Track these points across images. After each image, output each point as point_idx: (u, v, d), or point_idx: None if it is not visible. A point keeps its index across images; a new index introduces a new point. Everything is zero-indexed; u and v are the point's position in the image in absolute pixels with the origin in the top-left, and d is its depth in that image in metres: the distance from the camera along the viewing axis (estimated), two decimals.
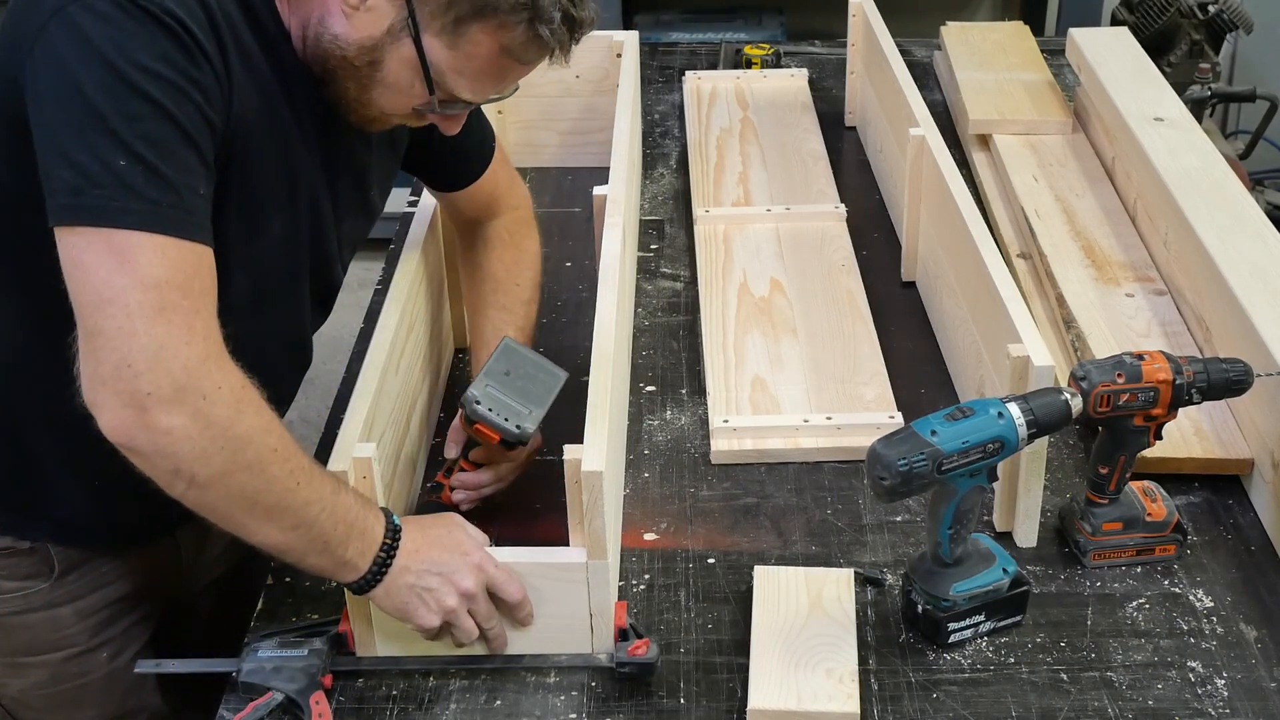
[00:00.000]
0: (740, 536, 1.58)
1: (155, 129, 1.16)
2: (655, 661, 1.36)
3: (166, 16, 1.17)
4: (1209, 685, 1.37)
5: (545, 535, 1.48)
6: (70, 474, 1.42)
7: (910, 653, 1.41)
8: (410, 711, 1.36)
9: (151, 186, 1.15)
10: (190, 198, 1.18)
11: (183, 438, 1.15)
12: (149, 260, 1.14)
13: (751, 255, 2.10)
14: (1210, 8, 3.40)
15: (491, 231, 1.74)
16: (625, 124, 2.01)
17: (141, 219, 1.14)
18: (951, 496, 1.35)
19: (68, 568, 1.50)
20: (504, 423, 1.50)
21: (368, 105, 1.36)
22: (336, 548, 1.27)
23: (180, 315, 1.15)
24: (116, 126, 1.14)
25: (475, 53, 1.30)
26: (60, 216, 1.15)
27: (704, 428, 1.76)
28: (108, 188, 1.14)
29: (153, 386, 1.13)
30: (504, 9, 1.27)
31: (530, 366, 1.56)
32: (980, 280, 1.66)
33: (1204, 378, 1.43)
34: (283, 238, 1.39)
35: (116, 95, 1.14)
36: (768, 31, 3.79)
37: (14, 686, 1.55)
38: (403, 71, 1.31)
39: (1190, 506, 1.61)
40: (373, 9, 1.28)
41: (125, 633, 1.56)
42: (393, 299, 1.60)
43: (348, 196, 1.48)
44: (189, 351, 1.15)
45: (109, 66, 1.14)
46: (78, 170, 1.14)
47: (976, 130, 2.41)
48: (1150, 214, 2.03)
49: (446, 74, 1.31)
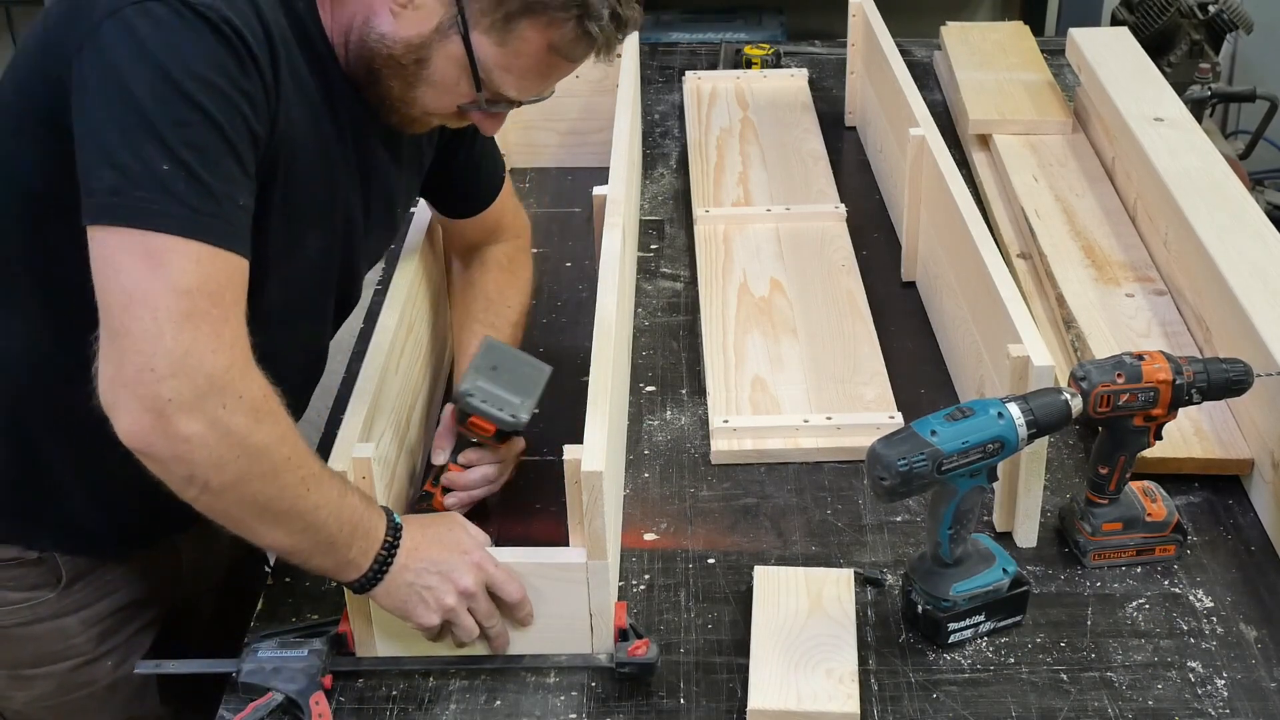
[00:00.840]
0: (740, 536, 1.58)
1: (201, 136, 1.15)
2: (655, 661, 1.36)
3: (224, 25, 1.16)
4: (1209, 685, 1.37)
5: (545, 535, 1.48)
6: (79, 481, 1.42)
7: (910, 653, 1.41)
8: (410, 711, 1.36)
9: (193, 193, 1.14)
10: (230, 207, 1.18)
11: (200, 445, 1.15)
12: (183, 266, 1.14)
13: (751, 255, 2.10)
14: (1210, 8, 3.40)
15: (489, 255, 1.75)
16: (625, 124, 2.02)
17: (180, 224, 1.14)
18: (951, 497, 1.35)
19: (74, 577, 1.49)
20: (499, 412, 1.51)
21: (411, 104, 1.35)
22: (341, 548, 1.28)
23: (209, 323, 1.15)
24: (163, 131, 1.13)
25: (523, 50, 1.30)
26: (97, 215, 1.14)
27: (704, 428, 1.76)
28: (149, 190, 1.13)
29: (174, 392, 1.13)
30: (554, 6, 1.28)
31: (514, 361, 1.57)
32: (980, 280, 1.66)
33: (1204, 378, 1.43)
34: (317, 252, 1.40)
35: (166, 100, 1.14)
36: (768, 31, 3.79)
37: (19, 700, 1.54)
38: (450, 69, 1.31)
39: (1190, 506, 1.61)
40: (421, 7, 1.28)
41: (129, 640, 1.56)
42: (392, 299, 1.61)
43: (377, 213, 1.49)
44: (214, 359, 1.15)
45: (161, 71, 1.14)
46: (120, 170, 1.13)
47: (976, 130, 2.41)
48: (1150, 214, 2.03)
49: (494, 71, 1.31)
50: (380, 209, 1.49)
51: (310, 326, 1.49)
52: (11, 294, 1.34)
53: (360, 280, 1.56)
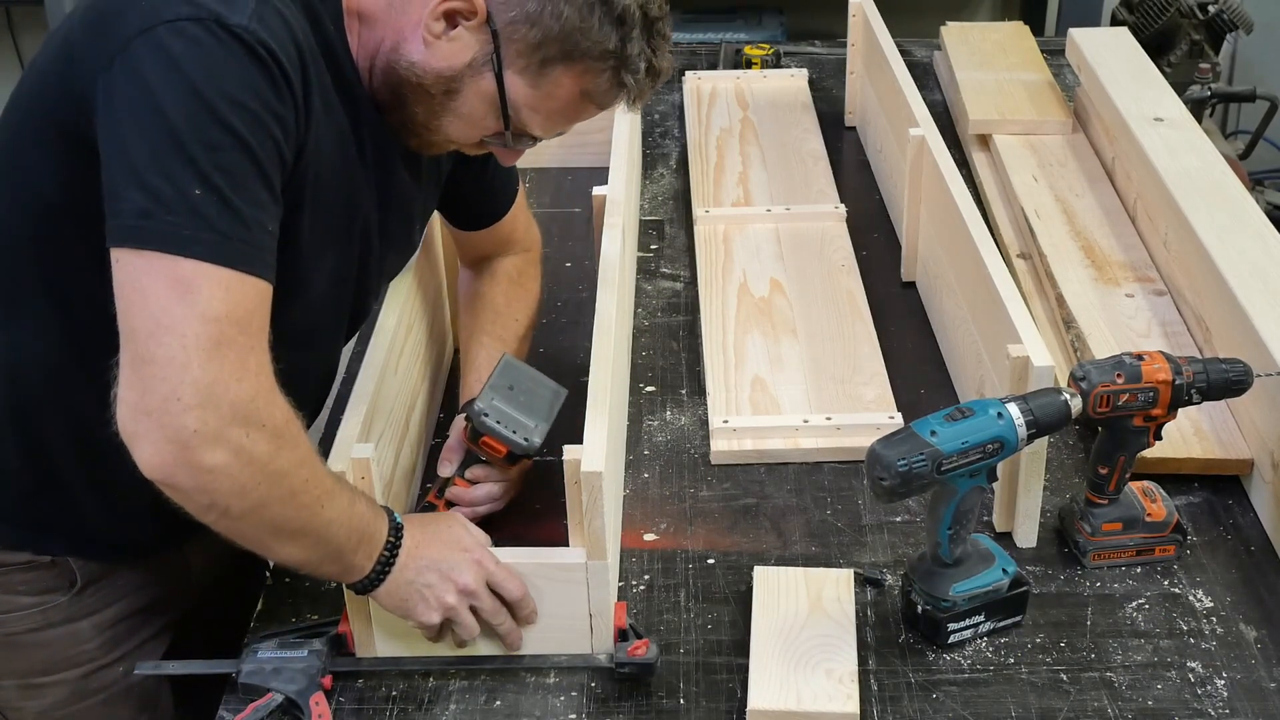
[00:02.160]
0: (740, 537, 1.58)
1: (233, 161, 1.14)
2: (655, 662, 1.36)
3: (260, 48, 1.15)
4: (1209, 685, 1.37)
5: (545, 535, 1.48)
6: (91, 488, 1.41)
7: (910, 653, 1.41)
8: (410, 712, 1.36)
9: (224, 219, 1.13)
10: (259, 233, 1.16)
11: (223, 475, 1.14)
12: (212, 293, 1.12)
13: (751, 255, 2.10)
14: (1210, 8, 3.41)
15: (499, 267, 1.74)
16: (625, 124, 2.02)
17: (210, 250, 1.12)
18: (951, 497, 1.35)
19: (87, 581, 1.48)
20: (512, 435, 1.50)
21: (434, 131, 1.35)
22: (348, 555, 1.28)
23: (235, 351, 1.14)
24: (195, 154, 1.12)
25: (556, 93, 1.31)
26: (124, 238, 1.13)
27: (704, 428, 1.75)
28: (180, 215, 1.11)
29: (199, 423, 1.12)
30: (593, 55, 1.28)
31: (531, 382, 1.56)
32: (980, 280, 1.66)
33: (1204, 378, 1.43)
34: (334, 273, 1.39)
35: (199, 122, 1.12)
36: (768, 31, 3.79)
37: (30, 711, 1.52)
38: (479, 104, 1.31)
39: (1190, 506, 1.61)
40: (456, 40, 1.28)
41: (141, 646, 1.55)
42: (392, 300, 1.61)
43: (395, 232, 1.49)
44: (239, 389, 1.14)
45: (195, 93, 1.12)
46: (150, 193, 1.11)
47: (976, 130, 2.41)
48: (1150, 214, 2.03)
49: (522, 110, 1.32)
50: (398, 229, 1.49)
51: (325, 345, 1.49)
52: (26, 304, 1.33)
53: (373, 297, 1.55)
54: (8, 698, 1.52)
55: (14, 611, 1.47)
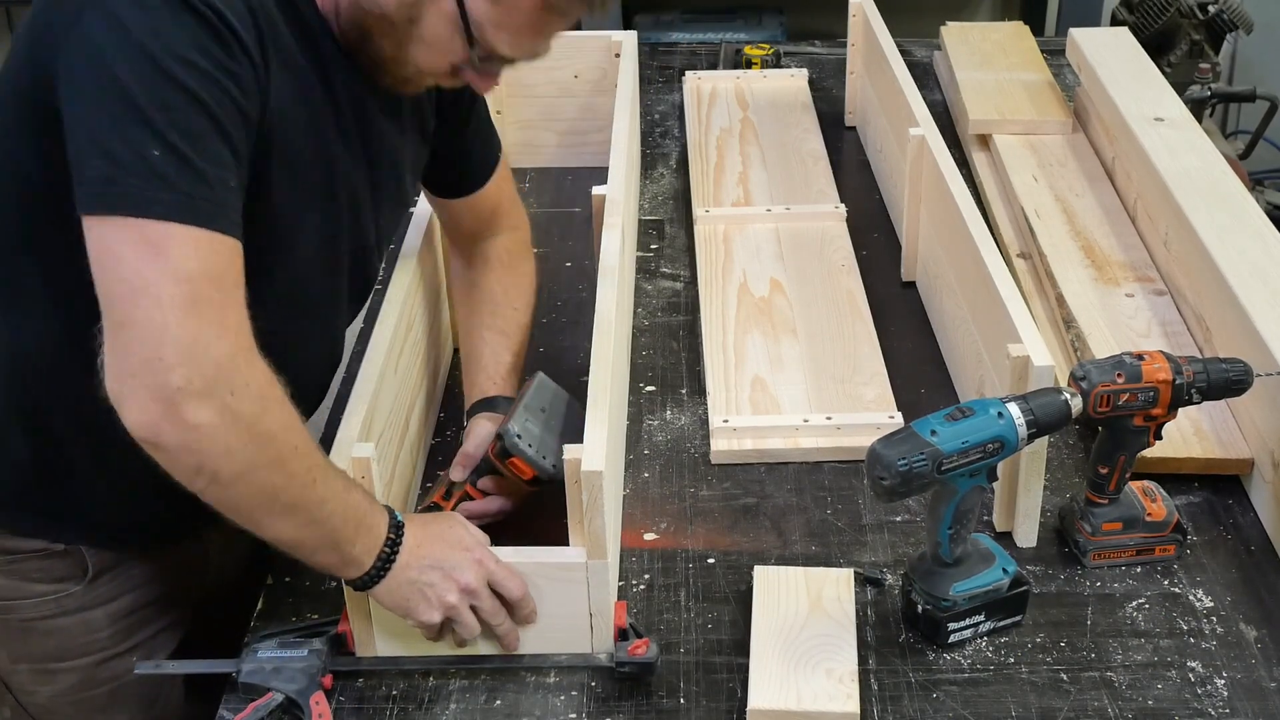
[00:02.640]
0: (740, 536, 1.58)
1: (189, 120, 1.14)
2: (655, 661, 1.36)
3: (204, 7, 1.16)
4: (1209, 685, 1.37)
5: (545, 535, 1.48)
6: (100, 474, 1.41)
7: (910, 653, 1.41)
8: (410, 711, 1.36)
9: (184, 177, 1.14)
10: (222, 190, 1.17)
11: (209, 433, 1.14)
12: (182, 252, 1.13)
13: (751, 255, 2.10)
14: (1210, 8, 3.41)
15: (490, 250, 1.73)
16: (624, 124, 2.01)
17: (174, 209, 1.13)
18: (951, 496, 1.35)
19: (101, 570, 1.49)
20: (542, 460, 1.49)
21: (404, 64, 1.34)
22: (345, 545, 1.28)
23: (213, 309, 1.14)
24: (151, 116, 1.13)
25: (517, 5, 1.29)
26: (91, 205, 1.14)
27: (704, 428, 1.75)
28: (140, 177, 1.12)
29: (183, 381, 1.12)
30: None
31: (561, 404, 1.56)
32: (980, 280, 1.66)
33: (1204, 378, 1.43)
34: (322, 231, 1.39)
35: (152, 84, 1.13)
36: (768, 31, 3.79)
37: (43, 694, 1.53)
38: (442, 26, 1.30)
39: (1190, 506, 1.61)
40: None
41: (155, 637, 1.55)
42: (391, 299, 1.60)
43: (385, 186, 1.48)
44: (220, 346, 1.14)
45: (145, 55, 1.13)
46: (110, 159, 1.12)
47: (976, 130, 2.41)
48: (1150, 214, 2.03)
49: (486, 28, 1.30)
50: (388, 182, 1.48)
51: (321, 309, 1.48)
52: (22, 288, 1.34)
53: (376, 259, 1.54)
54: (21, 681, 1.53)
55: (29, 599, 1.48)
